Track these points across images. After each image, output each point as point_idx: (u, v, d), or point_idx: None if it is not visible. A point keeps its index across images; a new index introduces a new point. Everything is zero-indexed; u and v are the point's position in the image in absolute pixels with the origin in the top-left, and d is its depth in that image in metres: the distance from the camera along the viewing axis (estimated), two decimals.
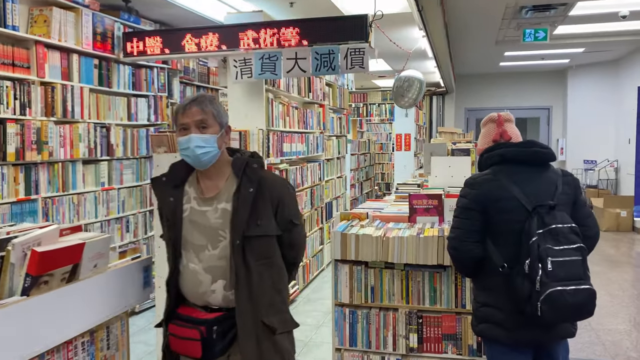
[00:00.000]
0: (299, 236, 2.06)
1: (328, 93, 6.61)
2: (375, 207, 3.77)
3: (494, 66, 10.66)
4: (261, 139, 4.27)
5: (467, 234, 2.18)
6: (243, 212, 1.82)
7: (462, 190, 2.28)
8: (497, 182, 2.17)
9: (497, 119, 2.41)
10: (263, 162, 1.97)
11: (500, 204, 2.14)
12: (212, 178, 1.93)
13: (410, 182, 6.14)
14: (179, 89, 5.60)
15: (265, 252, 1.90)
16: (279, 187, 1.95)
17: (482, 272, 2.21)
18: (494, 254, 2.15)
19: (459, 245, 2.20)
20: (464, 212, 2.21)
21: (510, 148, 2.23)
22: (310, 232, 5.76)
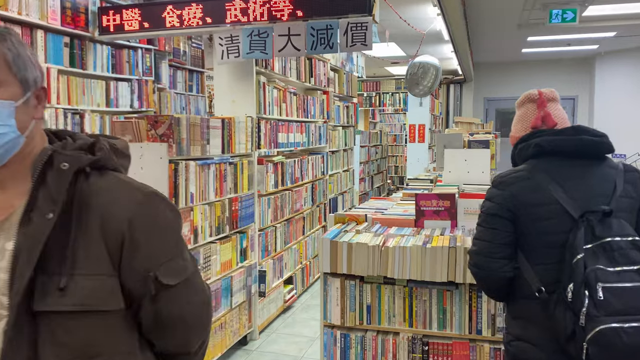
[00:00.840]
0: (177, 309, 1.04)
1: (333, 79, 6.06)
2: (377, 208, 3.24)
3: (515, 53, 9.99)
4: (250, 128, 3.76)
5: (493, 247, 1.67)
6: (28, 262, 0.91)
7: (488, 192, 1.76)
8: (532, 181, 1.64)
9: (538, 98, 1.84)
10: (104, 159, 1.03)
11: (536, 210, 1.61)
12: (4, 187, 0.98)
13: (423, 177, 5.58)
14: (168, 72, 5.11)
15: (87, 347, 0.96)
16: (124, 209, 0.99)
17: (515, 296, 1.70)
18: (528, 274, 1.64)
19: (483, 262, 1.69)
20: (489, 219, 1.70)
21: (551, 136, 1.69)
22: (311, 231, 5.26)
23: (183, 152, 2.95)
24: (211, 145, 3.25)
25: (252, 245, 3.87)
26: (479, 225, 1.75)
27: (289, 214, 4.60)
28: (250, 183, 3.80)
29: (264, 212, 4.06)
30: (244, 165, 3.69)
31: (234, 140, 3.54)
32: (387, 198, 3.84)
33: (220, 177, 3.37)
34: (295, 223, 4.78)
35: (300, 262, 4.95)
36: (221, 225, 3.41)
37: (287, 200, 4.54)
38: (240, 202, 3.65)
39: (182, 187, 2.94)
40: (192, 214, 3.08)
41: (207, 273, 3.27)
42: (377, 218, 2.84)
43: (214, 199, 3.31)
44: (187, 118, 2.96)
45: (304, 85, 5.13)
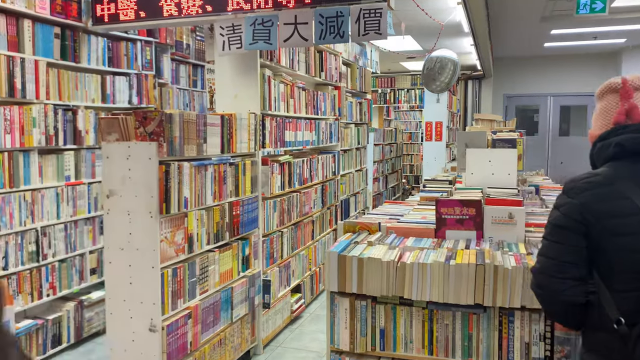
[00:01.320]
0: None
1: (346, 74, 5.73)
2: (392, 214, 2.92)
3: (537, 48, 9.55)
4: (253, 125, 3.45)
5: (560, 266, 1.41)
6: None
7: (557, 198, 1.49)
8: (611, 188, 1.35)
9: (621, 88, 1.50)
10: None
11: (615, 222, 1.34)
12: None
13: (441, 178, 5.25)
14: (170, 67, 4.82)
15: None
16: None
17: (590, 325, 1.43)
18: (605, 300, 1.36)
19: (547, 283, 1.43)
20: (556, 232, 1.44)
21: (635, 133, 1.38)
22: (322, 234, 4.94)
23: (175, 152, 2.65)
24: (209, 145, 2.95)
25: (256, 252, 3.56)
26: (544, 238, 1.48)
27: (297, 218, 4.29)
28: (253, 185, 3.49)
29: (269, 217, 3.76)
30: (246, 166, 3.38)
31: (235, 138, 3.23)
32: (403, 202, 3.51)
33: (219, 179, 3.06)
34: (304, 227, 4.47)
35: (309, 268, 4.64)
36: (220, 232, 3.11)
37: (295, 203, 4.23)
38: (242, 206, 3.34)
39: (175, 190, 2.64)
40: (186, 220, 2.78)
41: (204, 285, 2.97)
42: (393, 227, 2.52)
43: (212, 203, 3.01)
44: (179, 114, 2.66)
45: (313, 80, 4.81)
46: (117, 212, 2.63)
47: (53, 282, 3.62)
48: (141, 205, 2.58)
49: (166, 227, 2.63)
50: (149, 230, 2.57)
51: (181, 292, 2.76)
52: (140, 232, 2.59)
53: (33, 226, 3.46)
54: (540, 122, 10.89)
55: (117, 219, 2.63)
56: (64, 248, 3.70)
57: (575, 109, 10.95)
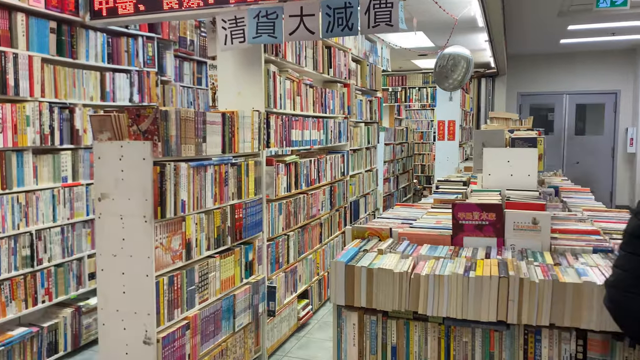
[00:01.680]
0: None
1: (355, 71, 5.54)
2: (404, 218, 2.73)
3: (553, 44, 9.28)
4: (257, 124, 3.27)
5: (634, 280, 1.28)
6: None
7: (638, 205, 1.34)
8: None
9: None
10: None
11: None
12: None
13: (454, 179, 5.04)
14: (173, 64, 4.66)
15: None
16: None
17: None
18: None
19: (620, 298, 1.31)
20: (633, 243, 1.31)
21: None
22: (330, 237, 4.75)
23: (172, 151, 2.47)
24: (208, 144, 2.77)
25: (260, 257, 3.38)
26: (620, 249, 1.35)
27: (304, 221, 4.11)
28: (257, 187, 3.31)
29: (274, 220, 3.57)
30: (249, 167, 3.20)
31: (237, 137, 3.05)
32: (416, 205, 3.31)
33: (220, 180, 2.89)
34: (312, 230, 4.29)
35: (317, 272, 4.46)
36: (221, 236, 2.93)
37: (302, 205, 4.05)
38: (245, 209, 3.16)
39: (171, 193, 2.46)
40: (183, 225, 2.60)
41: (204, 293, 2.79)
42: (405, 233, 2.32)
43: (212, 206, 2.83)
44: (176, 111, 2.49)
45: (321, 77, 4.62)
46: (110, 216, 2.46)
47: (49, 287, 3.46)
48: (135, 209, 2.40)
49: (162, 232, 2.45)
50: (143, 235, 2.40)
51: (178, 302, 2.58)
52: (134, 238, 2.42)
53: (27, 229, 3.31)
54: (556, 121, 10.60)
55: (109, 223, 2.46)
56: (60, 252, 3.54)
57: (591, 108, 10.65)
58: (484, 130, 3.46)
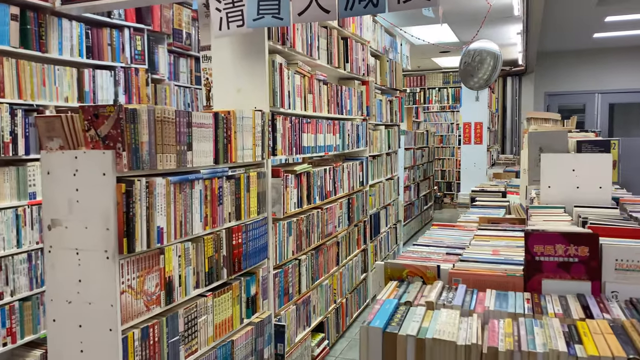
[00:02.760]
0: None
1: (374, 67, 4.92)
2: (447, 245, 2.11)
3: (585, 39, 8.58)
4: (260, 126, 2.65)
5: None
6: None
7: None
8: None
9: None
10: None
11: None
12: None
13: (490, 189, 4.40)
14: (167, 60, 4.07)
15: None
16: None
17: None
18: None
19: None
20: None
21: None
22: (348, 258, 4.12)
23: (143, 163, 1.86)
24: (196, 153, 2.16)
25: (265, 290, 2.76)
26: None
27: (318, 240, 3.48)
28: (260, 204, 2.70)
29: (282, 243, 2.95)
30: (250, 180, 2.59)
31: (235, 144, 2.44)
32: (458, 226, 2.67)
33: (212, 198, 2.27)
34: (327, 251, 3.66)
35: (334, 300, 3.82)
36: (215, 269, 2.31)
37: (316, 223, 3.43)
38: (245, 232, 2.54)
39: (142, 219, 1.85)
40: (162, 259, 1.99)
41: (192, 344, 2.17)
42: (459, 272, 1.69)
43: (202, 232, 2.22)
44: (149, 110, 1.88)
45: (337, 73, 4.01)
46: (62, 250, 1.86)
47: (12, 327, 2.87)
48: (93, 240, 1.80)
49: (131, 271, 1.84)
50: (104, 276, 1.79)
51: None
52: (93, 279, 1.81)
53: None
54: (587, 122, 9.87)
55: (62, 259, 1.86)
56: (27, 284, 2.95)
57: (625, 107, 9.90)
58: (543, 132, 2.81)
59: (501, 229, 2.55)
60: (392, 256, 5.61)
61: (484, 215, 3.19)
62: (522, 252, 1.97)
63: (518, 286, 1.64)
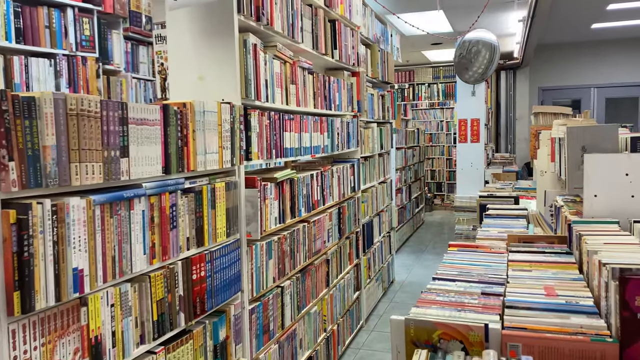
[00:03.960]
0: None
1: (365, 57, 4.35)
2: (479, 279, 1.56)
3: (584, 30, 8.14)
4: (229, 123, 2.06)
5: None
6: None
7: None
8: None
9: None
10: None
11: None
12: None
13: (500, 194, 3.88)
14: (123, 47, 3.45)
15: None
16: None
17: None
18: None
19: None
20: None
21: None
22: (340, 276, 3.55)
23: (47, 178, 1.26)
24: (134, 160, 1.56)
25: (239, 332, 2.17)
26: None
27: (305, 260, 2.91)
28: (231, 223, 2.11)
29: (260, 269, 2.37)
30: (217, 193, 1.99)
31: (194, 146, 1.85)
32: (482, 247, 2.13)
33: (161, 221, 1.68)
34: (316, 272, 3.08)
35: (324, 328, 3.25)
36: (167, 315, 1.72)
37: (302, 239, 2.85)
38: (210, 262, 1.95)
39: (45, 260, 1.25)
40: (83, 313, 1.39)
41: None
42: (515, 335, 1.13)
43: (147, 268, 1.62)
44: (55, 100, 1.28)
45: (324, 61, 3.43)
46: None
47: None
48: None
49: (31, 337, 1.25)
50: None
51: None
52: None
53: None
54: None
55: None
56: None
57: (624, 102, 9.49)
58: (586, 127, 2.27)
59: (538, 250, 2.01)
60: (386, 269, 5.06)
61: (503, 228, 2.65)
62: (585, 289, 1.43)
63: (609, 355, 1.09)
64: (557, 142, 2.88)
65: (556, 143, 3.05)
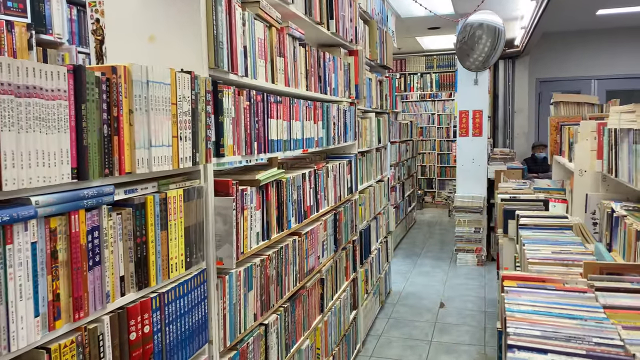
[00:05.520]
0: None
1: (363, 34, 3.72)
2: (585, 351, 0.89)
3: (588, 17, 7.60)
4: (189, 102, 1.41)
5: None
6: None
7: None
8: None
9: None
10: None
11: None
12: None
13: (526, 197, 3.29)
14: (66, 14, 2.76)
15: None
16: None
17: None
18: None
19: None
20: None
21: None
22: (335, 297, 2.93)
23: None
24: (13, 158, 0.90)
25: None
26: None
27: (296, 284, 2.27)
28: (193, 247, 1.46)
29: (235, 307, 1.72)
30: (170, 205, 1.34)
31: (130, 136, 1.20)
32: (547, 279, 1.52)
33: (71, 257, 1.02)
34: (308, 297, 2.45)
35: None
36: None
37: (291, 258, 2.21)
38: (159, 309, 1.30)
39: None
40: None
41: None
42: None
43: (41, 338, 0.97)
44: None
45: (317, 33, 2.78)
46: None
47: None
48: None
49: None
50: None
51: None
52: None
53: None
54: None
55: None
56: None
57: (627, 94, 9.01)
58: None
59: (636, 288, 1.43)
60: (383, 279, 4.45)
61: (555, 246, 2.07)
62: None
63: None
64: (613, 135, 2.28)
65: (605, 136, 2.46)
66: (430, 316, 4.21)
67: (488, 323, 4.04)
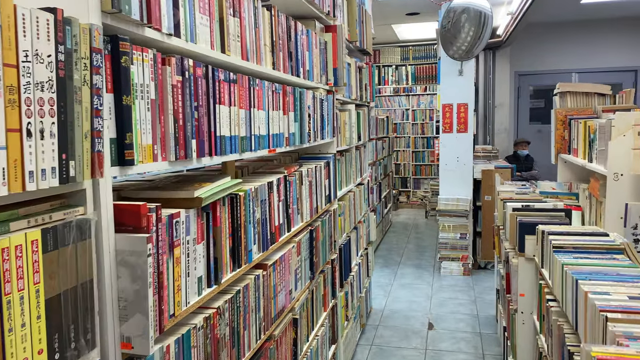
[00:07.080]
0: None
1: (342, 8, 3.08)
2: None
3: (572, 6, 7.18)
4: (50, 66, 0.74)
5: None
6: None
7: None
8: None
9: None
10: None
11: None
12: None
13: (541, 206, 2.67)
14: None
15: None
16: None
17: None
18: None
19: None
20: None
21: None
22: (312, 337, 2.29)
23: None
24: None
25: None
26: None
27: (259, 337, 1.62)
28: (68, 334, 0.79)
29: None
30: (11, 264, 0.68)
31: None
32: None
33: None
34: (276, 350, 1.81)
35: None
36: None
37: (253, 303, 1.56)
38: None
39: None
40: None
41: None
42: None
43: None
44: None
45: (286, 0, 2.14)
46: None
47: None
48: None
49: None
50: None
51: None
52: None
53: None
54: None
55: None
56: None
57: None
58: None
59: None
60: (364, 298, 3.84)
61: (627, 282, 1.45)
62: None
63: None
64: None
65: None
66: (419, 341, 3.63)
67: (486, 349, 3.48)
